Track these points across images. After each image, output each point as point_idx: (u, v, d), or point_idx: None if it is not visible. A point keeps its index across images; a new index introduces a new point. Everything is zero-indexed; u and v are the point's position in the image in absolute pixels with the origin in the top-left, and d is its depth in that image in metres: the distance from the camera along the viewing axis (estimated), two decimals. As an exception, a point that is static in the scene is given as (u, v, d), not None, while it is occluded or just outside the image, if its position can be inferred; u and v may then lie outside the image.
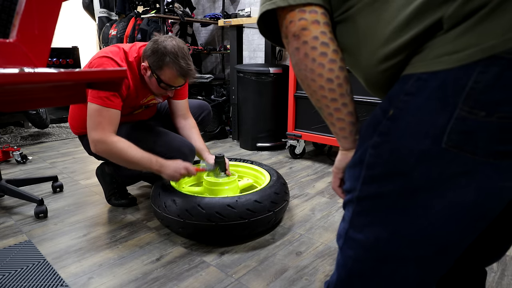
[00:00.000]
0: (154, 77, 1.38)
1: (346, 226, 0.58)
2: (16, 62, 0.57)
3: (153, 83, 1.41)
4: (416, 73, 0.46)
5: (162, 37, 1.38)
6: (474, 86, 0.41)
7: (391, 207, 0.51)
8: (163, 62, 1.34)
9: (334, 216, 1.62)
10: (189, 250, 1.33)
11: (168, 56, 1.32)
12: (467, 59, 0.41)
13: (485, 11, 0.40)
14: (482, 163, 0.43)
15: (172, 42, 1.35)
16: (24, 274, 1.17)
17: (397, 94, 0.48)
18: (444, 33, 0.44)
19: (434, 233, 0.49)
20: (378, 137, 0.51)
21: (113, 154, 1.35)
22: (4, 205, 1.72)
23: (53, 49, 3.26)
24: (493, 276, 1.18)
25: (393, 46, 0.49)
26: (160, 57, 1.33)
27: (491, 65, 0.40)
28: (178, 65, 1.33)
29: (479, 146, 0.43)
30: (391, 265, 0.54)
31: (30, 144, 2.91)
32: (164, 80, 1.38)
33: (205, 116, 1.78)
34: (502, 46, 0.39)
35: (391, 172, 0.49)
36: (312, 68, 0.56)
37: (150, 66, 1.37)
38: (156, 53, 1.33)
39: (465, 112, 0.42)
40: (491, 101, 0.41)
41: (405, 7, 0.47)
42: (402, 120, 0.47)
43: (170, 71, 1.35)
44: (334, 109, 0.58)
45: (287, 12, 0.55)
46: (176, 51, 1.33)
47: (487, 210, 0.47)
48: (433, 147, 0.45)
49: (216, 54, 3.84)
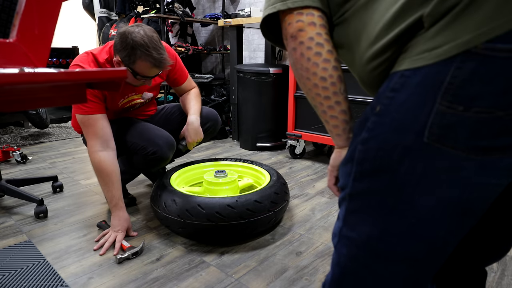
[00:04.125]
0: (129, 70, 1.36)
1: (340, 224, 0.59)
2: (16, 62, 0.57)
3: (129, 77, 1.40)
4: (400, 70, 0.47)
5: (129, 27, 1.32)
6: (452, 81, 0.42)
7: (380, 203, 0.51)
8: (135, 56, 1.30)
9: (334, 216, 1.62)
10: (189, 250, 1.33)
11: (138, 49, 1.28)
12: (444, 54, 0.42)
13: (460, 7, 0.41)
14: (465, 159, 0.44)
15: (140, 33, 1.30)
16: (24, 274, 1.17)
17: (384, 91, 0.50)
18: (425, 31, 0.45)
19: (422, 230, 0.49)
20: (366, 133, 0.52)
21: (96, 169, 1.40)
22: (4, 205, 1.72)
23: (53, 49, 3.26)
24: (493, 276, 1.18)
25: (380, 45, 0.51)
26: (131, 51, 1.29)
27: (467, 60, 0.41)
28: (151, 56, 1.30)
29: (459, 140, 0.43)
30: (383, 263, 0.54)
31: (30, 144, 2.91)
32: (140, 72, 1.35)
33: (210, 126, 1.72)
34: (476, 41, 0.40)
35: (378, 167, 0.50)
36: (307, 67, 0.59)
37: (123, 61, 1.34)
38: (126, 47, 1.29)
39: (444, 106, 0.43)
40: (468, 95, 0.41)
41: (391, 6, 0.49)
42: (387, 116, 0.48)
43: (144, 63, 1.32)
44: (328, 107, 0.61)
45: (286, 15, 0.59)
46: (146, 42, 1.29)
47: (474, 207, 0.48)
48: (416, 141, 0.46)
49: (216, 54, 3.84)
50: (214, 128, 1.76)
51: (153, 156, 1.48)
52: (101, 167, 1.37)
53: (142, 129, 1.53)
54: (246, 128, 2.75)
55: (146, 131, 1.53)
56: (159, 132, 1.54)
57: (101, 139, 1.38)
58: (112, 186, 1.38)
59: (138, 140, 1.48)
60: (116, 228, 1.37)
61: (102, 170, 1.37)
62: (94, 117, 1.37)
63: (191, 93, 1.73)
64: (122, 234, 1.36)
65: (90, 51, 1.43)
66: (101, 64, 1.41)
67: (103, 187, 1.41)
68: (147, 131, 1.53)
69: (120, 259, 1.23)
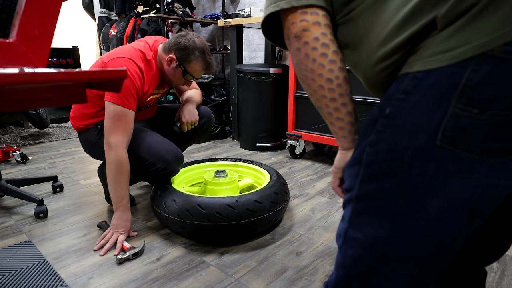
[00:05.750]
0: (181, 68, 1.48)
1: (345, 225, 0.58)
2: (16, 62, 0.57)
3: (177, 74, 1.50)
4: (412, 72, 0.47)
5: (189, 33, 1.49)
6: (467, 84, 0.42)
7: (389, 205, 0.51)
8: (192, 56, 1.45)
9: (334, 216, 1.62)
10: (189, 250, 1.33)
11: (197, 51, 1.45)
12: (459, 56, 0.42)
13: (477, 9, 0.41)
14: (477, 162, 0.44)
15: (199, 39, 1.48)
16: (24, 274, 1.17)
17: (394, 92, 0.49)
18: (438, 33, 0.45)
19: (432, 232, 0.49)
20: (375, 135, 0.51)
21: (109, 165, 1.35)
22: (4, 205, 1.72)
23: (53, 49, 3.26)
24: (493, 276, 1.18)
25: (390, 46, 0.50)
26: (190, 51, 1.45)
27: (483, 63, 0.41)
28: (205, 59, 1.48)
29: (473, 143, 0.43)
30: (390, 264, 0.54)
31: (30, 144, 2.91)
32: (190, 72, 1.49)
33: (205, 122, 1.77)
34: (492, 44, 0.40)
35: (388, 170, 0.50)
36: (313, 69, 0.57)
37: (178, 58, 1.46)
38: (186, 47, 1.44)
39: (459, 109, 0.42)
40: (483, 98, 0.41)
41: (402, 7, 0.48)
42: (398, 118, 0.48)
43: (198, 64, 1.47)
44: (334, 109, 0.60)
45: (289, 14, 0.57)
46: (203, 47, 1.47)
47: (483, 208, 0.48)
48: (428, 144, 0.45)
49: (216, 54, 3.84)
50: (209, 125, 1.82)
51: (163, 172, 1.47)
52: (122, 165, 1.34)
53: (151, 142, 1.49)
54: (246, 128, 2.75)
55: (154, 145, 1.50)
56: (168, 146, 1.52)
57: (128, 137, 1.37)
58: (125, 185, 1.37)
59: (147, 155, 1.45)
60: (120, 229, 1.36)
61: (122, 167, 1.34)
62: (131, 113, 1.37)
63: (192, 89, 1.80)
64: (124, 235, 1.36)
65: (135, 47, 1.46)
66: (149, 60, 1.47)
67: (116, 185, 1.36)
68: (156, 145, 1.50)
69: (120, 259, 1.23)
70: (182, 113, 1.62)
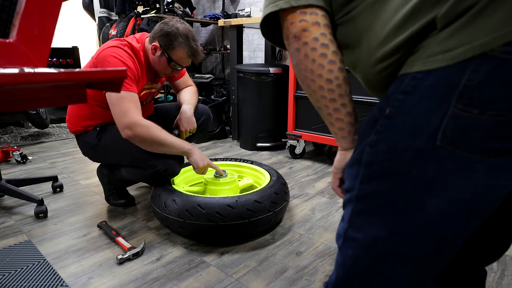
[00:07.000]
0: (165, 56, 1.44)
1: (345, 225, 0.59)
2: (16, 62, 0.57)
3: (162, 63, 1.47)
4: (412, 72, 0.47)
5: (173, 20, 1.45)
6: (467, 84, 0.42)
7: (389, 205, 0.51)
8: (176, 43, 1.41)
9: (334, 216, 1.62)
10: (189, 250, 1.33)
11: (180, 37, 1.40)
12: (459, 57, 0.42)
13: (476, 9, 0.41)
14: (477, 162, 0.44)
15: (183, 25, 1.43)
16: (24, 274, 1.17)
17: (393, 93, 0.49)
18: (438, 33, 0.45)
19: (431, 231, 0.49)
20: (375, 136, 0.51)
21: (149, 136, 1.35)
22: (4, 205, 1.72)
23: (53, 49, 3.26)
24: (493, 276, 1.18)
25: (390, 46, 0.50)
26: (172, 38, 1.40)
27: (483, 63, 0.40)
28: (189, 45, 1.42)
29: (473, 143, 0.43)
30: (389, 264, 0.54)
31: (30, 144, 2.91)
32: (175, 59, 1.45)
33: (204, 120, 1.77)
34: (493, 44, 0.40)
35: (388, 170, 0.50)
36: (312, 69, 0.57)
37: (162, 46, 1.42)
38: (169, 34, 1.40)
39: (459, 110, 0.42)
40: (483, 98, 0.41)
41: (401, 7, 0.48)
42: (398, 118, 0.48)
43: (182, 51, 1.43)
44: (333, 109, 0.59)
45: (289, 14, 0.56)
46: (187, 33, 1.42)
47: (483, 208, 0.48)
48: (428, 144, 0.45)
49: (216, 54, 3.84)
50: (207, 123, 1.81)
51: (164, 173, 1.47)
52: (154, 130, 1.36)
53: None
54: (246, 128, 2.75)
55: None
56: None
57: (140, 113, 1.37)
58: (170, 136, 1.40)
59: (147, 156, 1.44)
60: (205, 160, 1.45)
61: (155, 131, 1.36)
62: (135, 95, 1.37)
63: (188, 88, 1.76)
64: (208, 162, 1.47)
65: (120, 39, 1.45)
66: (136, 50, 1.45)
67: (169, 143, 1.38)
68: None
69: (120, 259, 1.23)
70: (181, 121, 1.61)
